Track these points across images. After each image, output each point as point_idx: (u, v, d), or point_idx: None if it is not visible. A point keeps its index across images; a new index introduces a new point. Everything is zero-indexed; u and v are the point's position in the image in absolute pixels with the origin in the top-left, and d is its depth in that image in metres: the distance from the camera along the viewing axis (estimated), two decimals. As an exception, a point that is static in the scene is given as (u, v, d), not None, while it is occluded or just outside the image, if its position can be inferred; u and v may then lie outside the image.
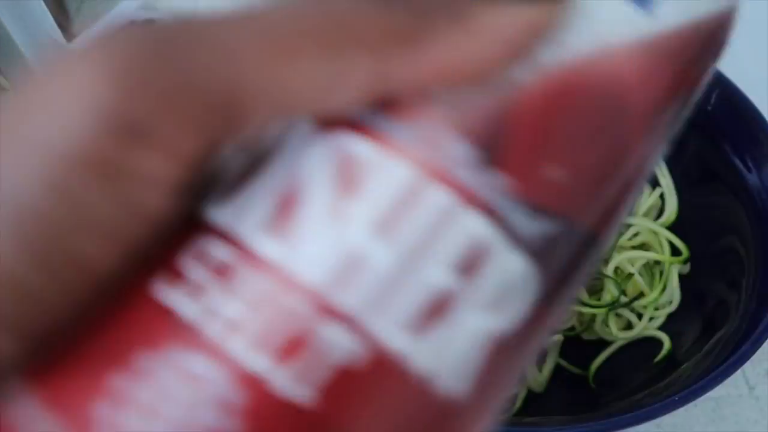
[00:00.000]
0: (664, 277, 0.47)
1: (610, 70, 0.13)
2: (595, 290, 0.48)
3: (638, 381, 0.43)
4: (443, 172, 0.12)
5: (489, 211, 0.12)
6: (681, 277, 0.48)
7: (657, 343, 0.46)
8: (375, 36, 0.11)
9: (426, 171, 0.12)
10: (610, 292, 0.46)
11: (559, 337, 0.46)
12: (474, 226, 0.12)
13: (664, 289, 0.47)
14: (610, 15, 0.13)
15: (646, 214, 0.52)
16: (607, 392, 0.44)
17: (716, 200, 0.48)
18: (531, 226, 0.12)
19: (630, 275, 0.47)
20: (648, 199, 0.51)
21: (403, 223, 0.12)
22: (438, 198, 0.12)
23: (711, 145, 0.47)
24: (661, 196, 0.52)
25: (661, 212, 0.52)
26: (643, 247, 0.50)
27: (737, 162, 0.44)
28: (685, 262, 0.48)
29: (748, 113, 0.43)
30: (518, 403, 0.44)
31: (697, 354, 0.41)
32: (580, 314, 0.47)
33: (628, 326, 0.48)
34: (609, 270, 0.47)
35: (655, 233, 0.49)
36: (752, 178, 0.43)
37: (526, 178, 0.12)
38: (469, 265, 0.12)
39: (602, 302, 0.46)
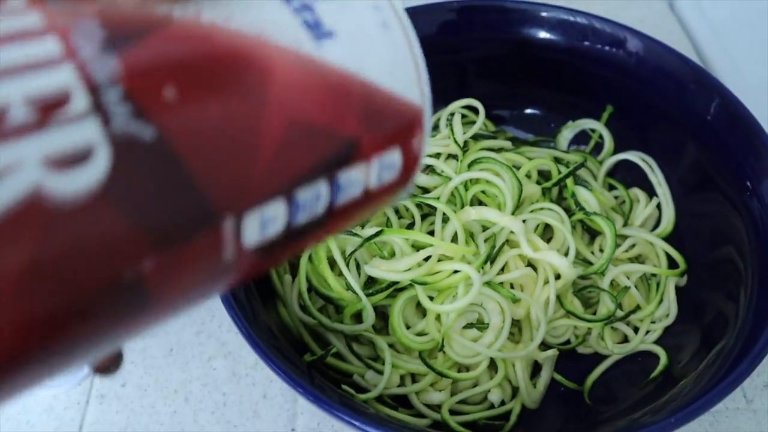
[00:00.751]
0: (660, 289, 0.47)
1: (251, 50, 0.15)
2: (591, 303, 0.48)
3: (635, 397, 0.43)
4: (67, 32, 0.13)
5: (88, 79, 0.13)
6: (678, 289, 0.48)
7: (654, 358, 0.45)
8: None
9: (53, 24, 0.13)
10: (605, 306, 0.46)
11: (554, 352, 0.45)
12: (65, 80, 0.13)
13: (660, 302, 0.47)
14: (274, 16, 0.16)
15: (642, 225, 0.51)
16: (604, 409, 0.43)
17: (713, 208, 0.47)
18: (124, 119, 0.13)
19: (626, 288, 0.46)
20: (645, 209, 0.51)
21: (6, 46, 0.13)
22: (51, 46, 0.13)
23: (709, 154, 0.46)
24: (658, 206, 0.51)
25: (657, 222, 0.52)
26: (639, 258, 0.49)
27: (736, 173, 0.43)
28: (682, 275, 0.47)
29: (749, 125, 0.42)
30: (512, 419, 0.43)
31: (696, 369, 0.40)
32: (576, 328, 0.47)
33: (624, 339, 0.47)
34: (605, 283, 0.46)
35: (652, 244, 0.49)
36: (751, 191, 0.42)
37: (141, 79, 0.13)
38: (46, 107, 0.12)
39: (598, 316, 0.45)
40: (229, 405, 0.48)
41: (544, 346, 0.46)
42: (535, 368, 0.46)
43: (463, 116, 0.53)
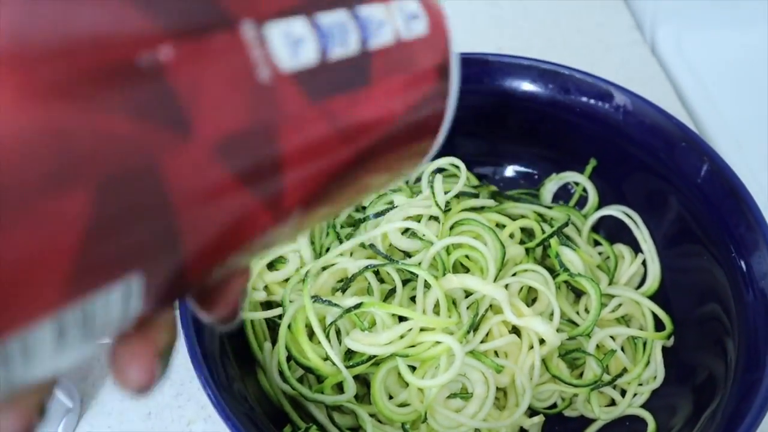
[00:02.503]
0: (647, 351, 0.46)
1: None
2: (577, 365, 0.47)
3: (623, 469, 0.42)
4: None
5: None
6: (664, 349, 0.47)
7: (642, 422, 0.45)
8: None
9: None
10: (592, 370, 0.45)
11: (540, 419, 0.44)
12: None
13: (647, 364, 0.46)
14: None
15: (628, 283, 0.50)
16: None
17: (697, 264, 0.47)
18: None
19: (612, 351, 0.45)
20: (630, 266, 0.50)
21: None
22: None
23: (697, 216, 0.46)
24: (643, 262, 0.51)
25: (643, 278, 0.51)
26: (625, 317, 0.49)
27: (724, 240, 0.43)
28: (668, 337, 0.46)
29: (740, 195, 0.42)
30: (499, 490, 0.42)
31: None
32: (562, 392, 0.46)
33: (612, 402, 0.47)
34: (591, 347, 0.45)
35: (638, 303, 0.48)
36: (738, 259, 0.41)
37: None
38: None
39: (584, 381, 0.45)
40: None
41: (530, 410, 0.46)
42: (522, 433, 0.46)
43: (444, 170, 0.53)
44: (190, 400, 0.51)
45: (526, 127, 0.54)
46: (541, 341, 0.44)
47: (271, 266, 0.46)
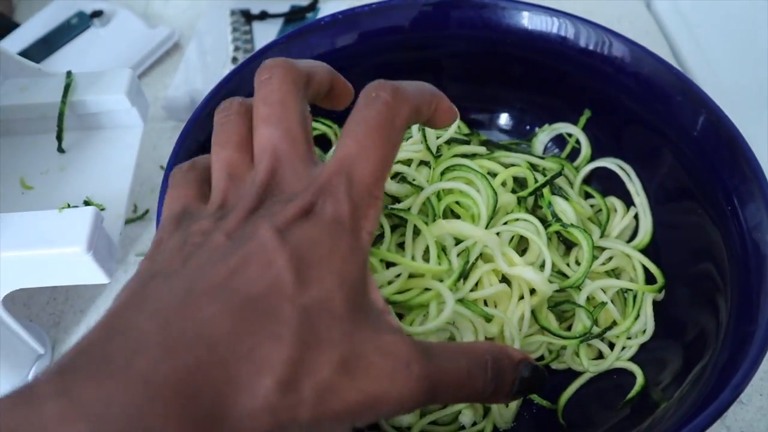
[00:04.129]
0: (637, 304, 0.45)
1: None
2: (566, 318, 0.46)
3: (612, 421, 0.41)
4: None
5: None
6: (654, 303, 0.46)
7: (629, 376, 0.44)
8: None
9: None
10: (581, 322, 0.44)
11: (527, 370, 0.43)
12: None
13: (637, 317, 0.45)
14: None
15: (619, 236, 0.49)
16: (579, 432, 0.42)
17: (691, 220, 0.46)
18: None
19: (603, 304, 0.44)
20: (622, 219, 0.49)
21: None
22: None
23: (691, 168, 0.44)
24: (635, 216, 0.49)
25: (634, 232, 0.50)
26: (615, 271, 0.48)
27: (719, 192, 0.41)
28: (660, 290, 0.46)
29: (737, 145, 0.40)
30: (484, 441, 0.41)
31: (674, 394, 0.39)
32: (550, 343, 0.45)
33: (599, 355, 0.46)
34: (581, 299, 0.44)
35: (629, 257, 0.47)
36: (733, 212, 0.40)
37: None
38: None
39: (573, 333, 0.44)
40: None
41: (517, 362, 0.45)
42: (508, 385, 0.45)
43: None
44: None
45: (519, 73, 0.52)
46: (532, 292, 0.43)
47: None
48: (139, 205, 0.59)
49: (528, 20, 0.49)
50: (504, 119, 0.56)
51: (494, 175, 0.46)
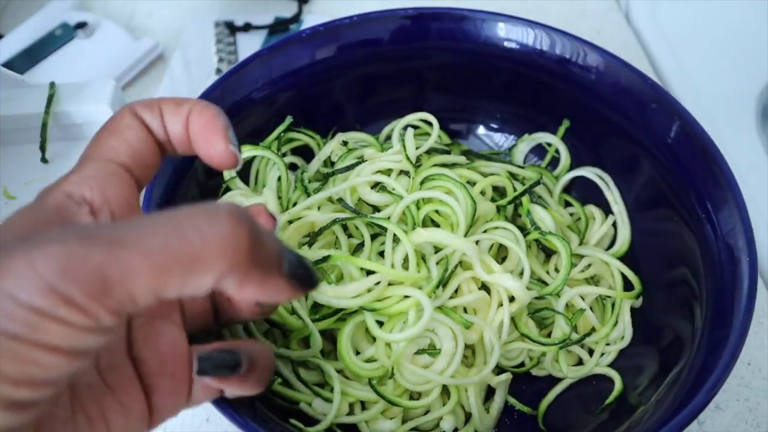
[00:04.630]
0: (615, 311, 0.46)
1: None
2: (545, 324, 0.46)
3: (591, 426, 0.41)
4: None
5: None
6: (632, 310, 0.47)
7: (608, 381, 0.44)
8: None
9: None
10: (560, 328, 0.45)
11: (507, 376, 0.44)
12: None
13: (615, 324, 0.46)
14: None
15: (598, 244, 0.50)
16: (558, 437, 0.42)
17: (668, 227, 0.46)
18: None
19: (581, 311, 0.45)
20: (601, 227, 0.50)
21: None
22: None
23: (666, 174, 0.45)
24: (614, 224, 0.50)
25: (613, 240, 0.51)
26: (594, 278, 0.49)
27: (693, 198, 0.42)
28: (637, 297, 0.46)
29: (709, 152, 0.41)
30: (465, 447, 0.42)
31: (650, 399, 0.39)
32: (530, 350, 0.45)
33: (579, 362, 0.46)
34: (560, 306, 0.45)
35: (607, 264, 0.48)
36: (707, 218, 0.41)
37: None
38: None
39: (552, 340, 0.44)
40: (169, 430, 0.46)
41: (498, 368, 0.45)
42: (489, 392, 0.45)
43: (417, 128, 0.52)
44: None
45: (499, 84, 0.53)
46: (511, 299, 0.43)
47: (236, 219, 0.45)
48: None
49: (506, 32, 0.50)
50: (484, 129, 0.56)
51: (473, 183, 0.47)
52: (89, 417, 0.25)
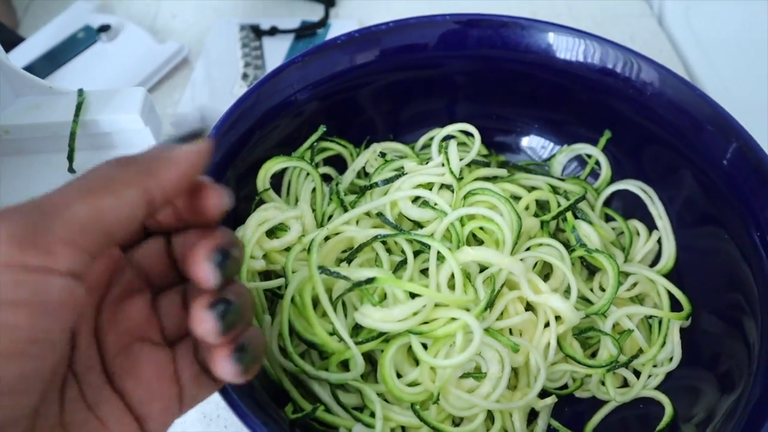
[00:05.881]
0: (663, 331, 0.44)
1: None
2: (590, 344, 0.45)
3: (641, 454, 0.40)
4: None
5: None
6: (681, 330, 0.45)
7: (655, 405, 0.43)
8: None
9: None
10: (607, 350, 0.43)
11: (552, 399, 0.42)
12: None
13: (663, 344, 0.44)
14: None
15: (642, 261, 0.48)
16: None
17: (715, 245, 0.45)
18: None
19: (629, 331, 0.43)
20: (646, 244, 0.48)
21: None
22: None
23: (717, 194, 0.43)
24: (658, 240, 0.48)
25: (656, 256, 0.49)
26: (639, 296, 0.47)
27: (747, 222, 0.40)
28: (687, 317, 0.45)
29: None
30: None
31: (705, 429, 0.37)
32: (574, 372, 0.44)
33: (624, 383, 0.45)
34: (607, 326, 0.43)
35: (653, 281, 0.46)
36: (765, 245, 0.39)
37: None
38: None
39: (599, 362, 0.42)
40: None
41: (542, 390, 0.43)
42: (531, 414, 0.43)
43: (451, 137, 0.50)
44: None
45: (537, 93, 0.51)
46: (557, 318, 0.42)
47: (271, 233, 0.43)
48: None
49: (549, 40, 0.48)
50: (522, 140, 0.55)
51: (517, 198, 0.45)
52: None
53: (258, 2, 0.77)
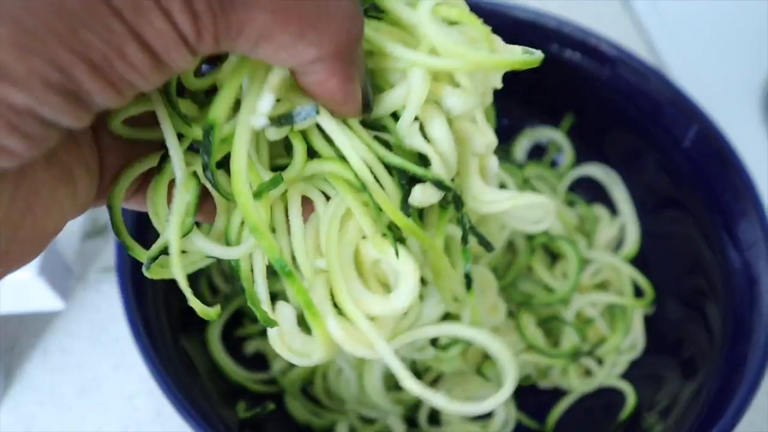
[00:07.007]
0: (626, 319, 0.43)
1: None
2: (552, 334, 0.44)
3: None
4: None
5: None
6: (645, 318, 0.45)
7: (619, 394, 0.42)
8: None
9: None
10: (569, 339, 0.42)
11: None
12: None
13: (627, 332, 0.43)
14: None
15: (606, 247, 0.47)
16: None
17: (679, 230, 0.44)
18: None
19: (592, 320, 0.42)
20: (609, 229, 0.47)
21: None
22: None
23: (680, 179, 0.42)
24: (623, 225, 0.48)
25: (619, 240, 0.48)
26: (603, 284, 0.46)
27: (710, 206, 0.40)
28: (650, 304, 0.44)
29: (729, 161, 0.39)
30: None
31: (665, 419, 0.37)
32: (537, 362, 0.43)
33: (587, 373, 0.44)
34: (569, 315, 0.42)
35: (617, 269, 0.45)
36: (724, 227, 0.38)
37: None
38: None
39: (562, 351, 0.42)
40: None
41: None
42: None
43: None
44: (131, 372, 0.47)
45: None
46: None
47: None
48: (100, 216, 0.55)
49: (515, 21, 0.47)
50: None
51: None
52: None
53: None
